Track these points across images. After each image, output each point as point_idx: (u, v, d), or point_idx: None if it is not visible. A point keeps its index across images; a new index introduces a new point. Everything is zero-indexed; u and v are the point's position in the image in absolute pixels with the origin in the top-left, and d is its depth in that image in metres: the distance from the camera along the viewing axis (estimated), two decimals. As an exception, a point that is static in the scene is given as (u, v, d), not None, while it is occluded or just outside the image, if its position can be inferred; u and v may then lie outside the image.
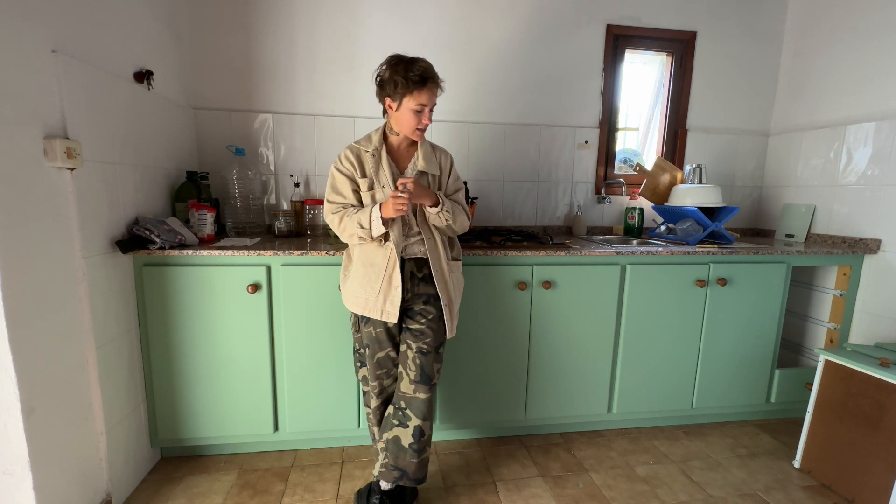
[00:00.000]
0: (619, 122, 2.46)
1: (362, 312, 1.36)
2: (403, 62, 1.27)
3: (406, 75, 1.25)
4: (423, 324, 1.38)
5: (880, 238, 1.96)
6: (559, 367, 1.85)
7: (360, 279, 1.36)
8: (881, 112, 1.97)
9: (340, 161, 1.38)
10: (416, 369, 1.36)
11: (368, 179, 1.36)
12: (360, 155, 1.38)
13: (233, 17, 2.04)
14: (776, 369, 2.02)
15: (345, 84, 2.15)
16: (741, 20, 2.41)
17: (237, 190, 1.97)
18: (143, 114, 1.64)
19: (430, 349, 1.38)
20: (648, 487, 1.63)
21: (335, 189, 1.38)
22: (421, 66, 1.26)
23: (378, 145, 1.38)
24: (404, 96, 1.27)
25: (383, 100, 1.34)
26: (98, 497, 1.39)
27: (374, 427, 1.48)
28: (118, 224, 1.49)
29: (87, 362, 1.34)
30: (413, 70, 1.25)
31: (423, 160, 1.38)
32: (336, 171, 1.38)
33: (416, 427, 1.34)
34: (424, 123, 1.31)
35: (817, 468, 1.70)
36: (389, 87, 1.29)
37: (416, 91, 1.26)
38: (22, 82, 1.11)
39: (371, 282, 1.34)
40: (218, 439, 1.71)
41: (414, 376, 1.36)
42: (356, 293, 1.37)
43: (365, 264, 1.36)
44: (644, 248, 1.83)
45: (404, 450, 1.35)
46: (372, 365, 1.41)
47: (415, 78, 1.25)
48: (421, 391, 1.35)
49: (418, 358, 1.36)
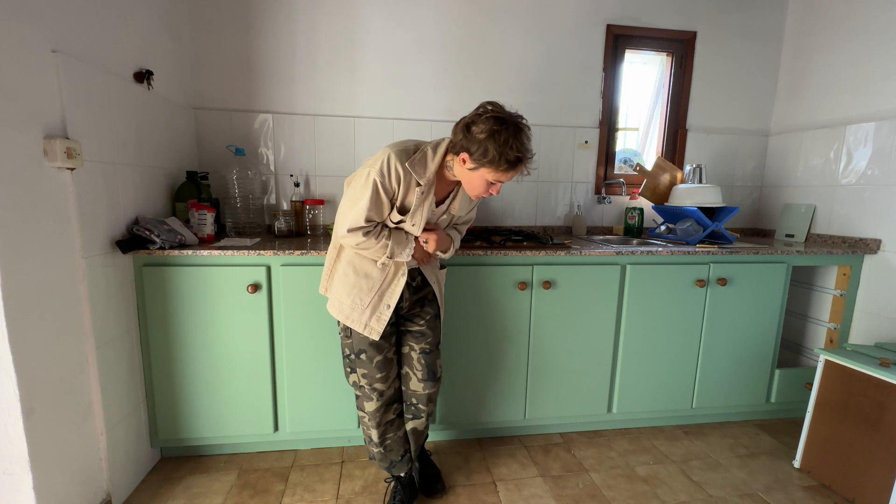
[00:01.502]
0: (619, 122, 2.46)
1: (345, 321, 1.31)
2: (506, 132, 1.08)
3: (502, 151, 1.08)
4: (423, 325, 1.43)
5: (880, 238, 1.96)
6: (559, 367, 1.85)
7: (348, 287, 1.29)
8: (881, 112, 1.97)
9: (388, 175, 1.16)
10: (422, 368, 1.42)
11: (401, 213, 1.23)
12: (410, 181, 1.19)
13: (233, 17, 2.04)
14: (776, 369, 2.02)
15: (345, 84, 2.15)
16: (741, 20, 2.41)
17: (237, 190, 1.97)
18: (143, 114, 1.64)
19: (433, 348, 1.44)
20: (648, 487, 1.63)
21: (375, 207, 1.19)
22: (521, 146, 1.10)
23: (431, 180, 1.21)
24: (487, 166, 1.12)
25: (461, 150, 1.14)
26: (98, 497, 1.39)
27: (371, 430, 1.42)
28: (118, 224, 1.49)
29: (87, 362, 1.34)
30: (512, 149, 1.09)
31: (459, 205, 1.33)
32: (380, 187, 1.16)
33: (427, 413, 1.49)
34: (491, 194, 1.19)
35: (817, 468, 1.70)
36: (476, 149, 1.10)
37: (502, 170, 1.12)
38: (22, 82, 1.11)
39: (361, 293, 1.28)
40: (218, 439, 1.71)
41: (421, 375, 1.43)
42: (341, 299, 1.30)
43: (357, 272, 1.29)
44: (644, 248, 1.83)
45: (422, 433, 1.53)
46: (371, 369, 1.36)
47: (510, 158, 1.10)
48: (429, 387, 1.44)
49: (423, 358, 1.42)
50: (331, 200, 2.21)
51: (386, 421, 1.43)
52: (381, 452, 1.45)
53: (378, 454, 1.46)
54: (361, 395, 1.42)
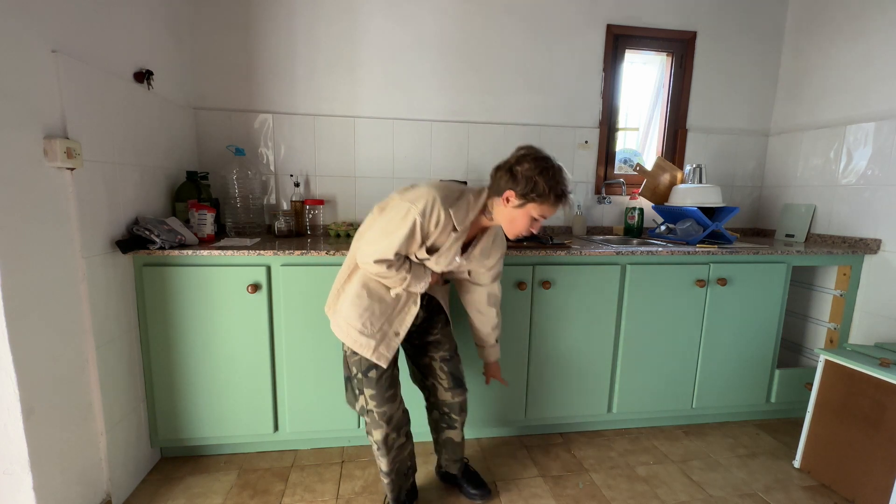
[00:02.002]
0: (619, 122, 2.46)
1: (351, 345, 1.26)
2: (552, 170, 1.14)
3: (551, 185, 1.13)
4: (437, 335, 1.43)
5: (880, 238, 1.96)
6: (559, 367, 1.85)
7: (360, 309, 1.25)
8: (881, 112, 1.97)
9: (429, 217, 1.16)
10: (446, 377, 1.42)
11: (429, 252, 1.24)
12: (447, 226, 1.20)
13: (233, 17, 2.04)
14: (776, 369, 2.02)
15: (345, 84, 2.15)
16: (741, 20, 2.41)
17: (237, 190, 1.97)
18: (143, 114, 1.64)
19: (453, 354, 1.44)
20: (648, 487, 1.63)
21: (407, 245, 1.19)
22: (566, 183, 1.16)
23: (467, 228, 1.23)
24: (534, 202, 1.15)
25: (505, 189, 1.17)
26: (98, 497, 1.39)
27: (381, 459, 1.35)
28: (118, 224, 1.49)
29: (87, 362, 1.34)
30: (559, 183, 1.14)
31: (479, 254, 1.32)
32: (418, 227, 1.16)
33: (461, 423, 1.48)
34: (531, 232, 1.21)
35: (817, 468, 1.70)
36: (524, 185, 1.14)
37: (550, 203, 1.15)
38: (22, 82, 1.11)
39: (373, 317, 1.25)
40: (218, 439, 1.71)
41: (447, 384, 1.42)
42: (350, 322, 1.26)
43: (371, 295, 1.26)
44: (644, 248, 1.83)
45: (458, 444, 1.51)
46: (378, 388, 1.29)
47: (558, 192, 1.14)
48: (458, 395, 1.43)
49: (445, 366, 1.42)
50: (331, 200, 2.21)
51: (397, 446, 1.36)
52: (391, 482, 1.39)
53: (388, 484, 1.39)
54: (370, 422, 1.33)
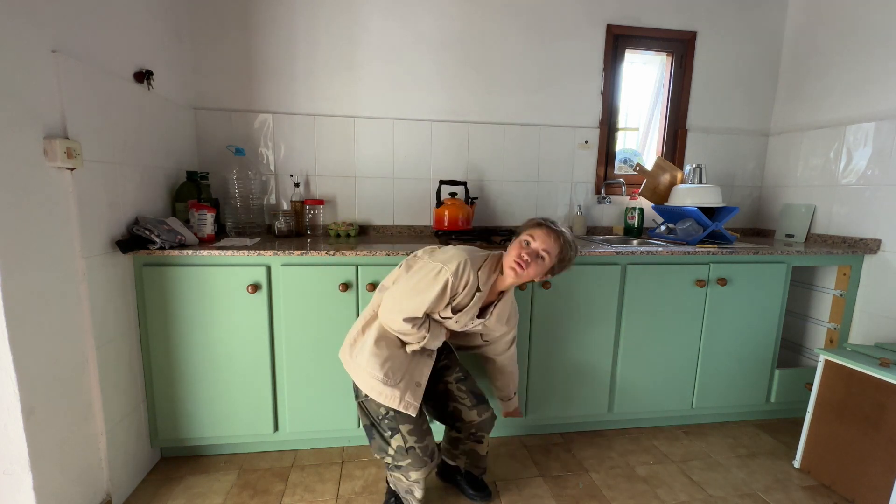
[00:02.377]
0: (619, 122, 2.46)
1: (377, 398, 1.26)
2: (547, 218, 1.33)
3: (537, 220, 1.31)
4: (445, 360, 1.47)
5: (880, 238, 1.96)
6: (559, 367, 1.85)
7: (380, 360, 1.26)
8: (881, 112, 1.97)
9: (460, 278, 1.23)
10: (467, 396, 1.43)
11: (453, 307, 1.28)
12: (471, 287, 1.27)
13: (233, 17, 2.04)
14: (776, 369, 2.02)
15: (345, 84, 2.15)
16: (741, 20, 2.41)
17: (237, 190, 1.97)
18: (143, 114, 1.64)
19: (465, 374, 1.47)
20: (648, 487, 1.63)
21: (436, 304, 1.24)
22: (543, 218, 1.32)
23: (486, 289, 1.29)
24: (524, 230, 1.30)
25: None
26: (98, 497, 1.39)
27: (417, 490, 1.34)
28: (118, 224, 1.49)
29: (87, 362, 1.34)
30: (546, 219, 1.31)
31: (495, 319, 1.39)
32: (449, 287, 1.22)
33: (487, 438, 1.49)
34: (523, 257, 1.24)
35: (817, 468, 1.70)
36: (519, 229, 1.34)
37: (533, 227, 1.29)
38: (22, 82, 1.11)
39: (394, 368, 1.26)
40: (218, 439, 1.71)
41: (470, 402, 1.42)
42: (373, 373, 1.25)
43: (390, 346, 1.29)
44: (644, 248, 1.83)
45: (482, 456, 1.51)
46: (416, 422, 1.28)
47: (537, 220, 1.31)
48: (484, 411, 1.43)
49: (462, 385, 1.43)
50: (331, 200, 2.21)
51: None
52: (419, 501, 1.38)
53: None
54: (410, 462, 1.27)
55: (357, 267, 1.64)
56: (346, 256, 1.62)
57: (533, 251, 1.26)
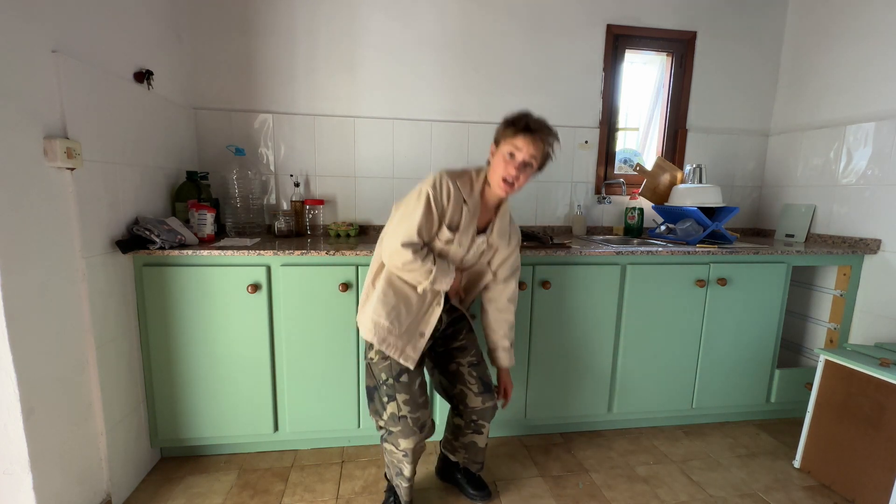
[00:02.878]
0: (619, 122, 2.46)
1: (379, 345, 1.27)
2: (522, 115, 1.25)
3: (514, 121, 1.23)
4: (463, 340, 1.45)
5: (880, 238, 1.96)
6: (559, 367, 1.85)
7: (387, 308, 1.26)
8: (881, 112, 1.97)
9: (440, 190, 1.22)
10: (475, 382, 1.41)
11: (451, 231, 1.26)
12: (459, 200, 1.26)
13: (233, 17, 2.04)
14: (776, 369, 2.02)
15: (345, 84, 2.15)
16: (741, 20, 2.41)
17: (237, 190, 1.97)
18: (143, 114, 1.64)
19: (479, 359, 1.45)
20: (648, 487, 1.63)
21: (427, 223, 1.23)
22: (532, 118, 1.24)
23: (477, 200, 1.28)
24: (503, 138, 1.24)
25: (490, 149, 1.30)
26: (98, 497, 1.39)
27: (406, 466, 1.33)
28: (118, 224, 1.49)
29: (87, 362, 1.34)
30: (517, 115, 1.24)
31: (497, 234, 1.35)
32: (432, 201, 1.22)
33: (487, 430, 1.47)
34: (510, 173, 1.22)
35: (817, 468, 1.70)
36: (497, 134, 1.27)
37: (514, 135, 1.22)
38: (22, 82, 1.11)
39: (399, 317, 1.26)
40: (218, 439, 1.71)
41: (477, 389, 1.41)
42: (378, 321, 1.26)
43: (397, 294, 1.28)
44: (644, 248, 1.83)
45: (480, 449, 1.50)
46: (413, 392, 1.29)
47: (520, 125, 1.22)
48: (488, 400, 1.42)
49: (474, 371, 1.42)
50: (331, 200, 2.21)
51: (420, 452, 1.36)
52: (408, 488, 1.38)
53: (406, 490, 1.38)
54: (400, 430, 1.28)
55: (357, 267, 1.64)
56: (346, 256, 1.62)
57: (520, 163, 1.22)
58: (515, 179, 1.23)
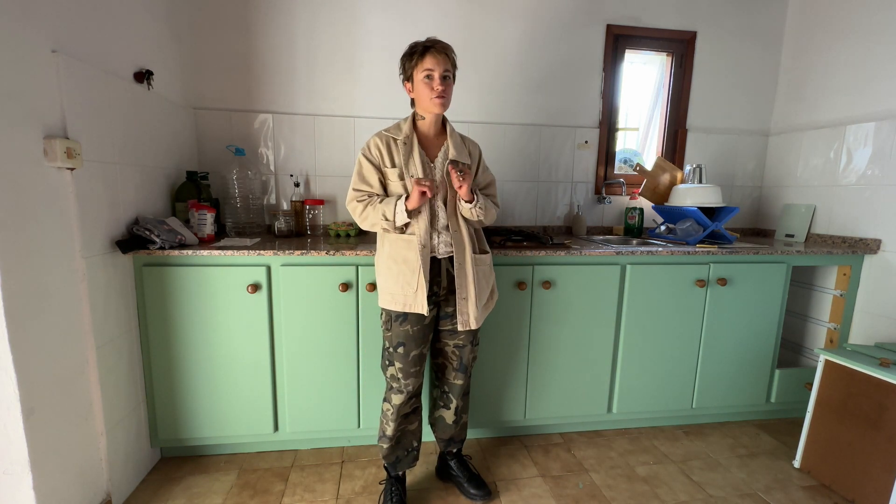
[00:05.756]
0: (619, 122, 2.46)
1: (402, 309, 1.36)
2: (413, 43, 1.34)
3: (412, 51, 1.33)
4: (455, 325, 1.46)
5: (880, 238, 1.96)
6: (559, 367, 1.85)
7: (394, 276, 1.37)
8: (881, 112, 1.97)
9: (369, 149, 1.38)
10: (455, 360, 1.51)
11: (398, 169, 1.36)
12: (389, 143, 1.38)
13: (233, 17, 2.04)
14: (776, 369, 2.02)
15: (345, 84, 2.15)
16: (741, 20, 2.41)
17: (237, 190, 1.97)
18: (143, 114, 1.64)
19: (466, 343, 1.49)
20: (648, 487, 1.63)
21: (362, 178, 1.38)
22: (424, 40, 1.32)
23: (409, 133, 1.38)
24: (414, 69, 1.32)
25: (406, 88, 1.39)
26: (98, 497, 1.39)
27: (389, 423, 1.46)
28: (118, 224, 1.49)
29: (87, 362, 1.34)
30: (417, 45, 1.33)
31: (454, 149, 1.40)
32: (364, 160, 1.38)
33: (455, 407, 1.54)
34: (437, 89, 1.30)
35: (817, 468, 1.70)
36: (404, 71, 1.36)
37: (419, 60, 1.31)
38: (22, 82, 1.11)
39: (408, 278, 1.35)
40: (218, 439, 1.71)
41: (455, 365, 1.51)
42: (392, 290, 1.37)
43: (397, 261, 1.36)
44: (644, 248, 1.83)
45: (448, 425, 1.57)
46: (406, 363, 1.40)
47: (419, 49, 1.31)
48: (459, 378, 1.52)
49: (457, 351, 1.50)
50: (331, 200, 2.21)
51: (403, 413, 1.46)
52: (391, 447, 1.48)
53: (387, 449, 1.48)
54: (394, 389, 1.45)
55: (357, 267, 1.64)
56: (346, 256, 1.62)
57: (440, 77, 1.30)
58: (444, 92, 1.32)
